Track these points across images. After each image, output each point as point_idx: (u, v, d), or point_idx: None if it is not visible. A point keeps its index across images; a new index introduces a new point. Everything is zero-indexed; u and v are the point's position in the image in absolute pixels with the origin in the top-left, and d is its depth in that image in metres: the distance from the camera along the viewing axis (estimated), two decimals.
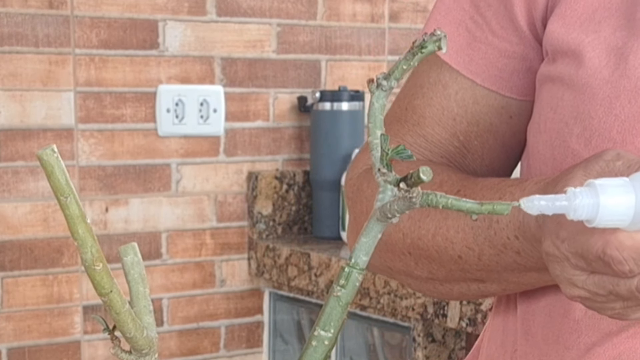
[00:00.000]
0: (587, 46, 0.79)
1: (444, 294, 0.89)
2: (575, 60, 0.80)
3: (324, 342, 0.55)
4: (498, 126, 0.90)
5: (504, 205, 0.52)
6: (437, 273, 0.86)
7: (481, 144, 0.90)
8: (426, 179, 0.50)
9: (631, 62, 0.77)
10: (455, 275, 0.85)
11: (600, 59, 0.79)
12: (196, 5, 2.27)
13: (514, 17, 0.86)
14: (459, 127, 0.90)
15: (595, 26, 0.80)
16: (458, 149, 0.90)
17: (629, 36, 0.78)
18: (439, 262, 0.85)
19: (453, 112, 0.90)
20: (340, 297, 0.55)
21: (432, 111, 0.90)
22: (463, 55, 0.89)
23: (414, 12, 2.55)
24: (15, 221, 2.13)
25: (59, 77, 2.14)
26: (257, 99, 2.37)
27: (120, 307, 0.50)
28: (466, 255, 0.82)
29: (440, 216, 0.84)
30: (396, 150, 0.53)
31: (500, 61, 0.88)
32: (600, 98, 0.78)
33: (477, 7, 0.88)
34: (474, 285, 0.86)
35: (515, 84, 0.88)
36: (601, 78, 0.78)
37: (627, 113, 0.76)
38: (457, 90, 0.89)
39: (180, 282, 2.31)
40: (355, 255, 0.55)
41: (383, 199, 0.53)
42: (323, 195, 2.36)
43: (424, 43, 0.53)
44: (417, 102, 0.91)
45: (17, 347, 2.15)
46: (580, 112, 0.79)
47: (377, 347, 2.17)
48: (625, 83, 0.77)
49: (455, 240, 0.82)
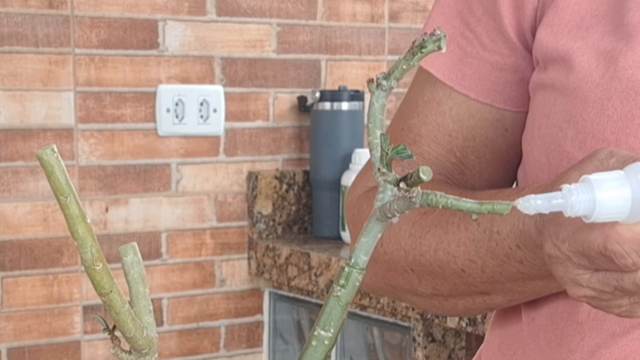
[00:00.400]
0: (576, 51, 0.80)
1: (449, 310, 0.89)
2: (565, 66, 0.81)
3: (324, 342, 0.55)
4: (494, 139, 0.90)
5: (503, 205, 0.52)
6: (441, 288, 0.86)
7: (478, 159, 0.91)
8: (426, 179, 0.50)
9: (621, 64, 0.78)
10: (460, 290, 0.85)
11: (589, 63, 0.79)
12: (196, 5, 2.27)
13: (503, 30, 0.87)
14: (455, 143, 0.90)
15: (583, 32, 0.81)
16: (456, 165, 0.91)
17: (617, 40, 0.79)
18: (443, 277, 0.85)
19: (449, 128, 0.90)
20: (340, 297, 0.55)
21: (428, 129, 0.91)
22: (455, 71, 0.89)
23: (414, 12, 2.55)
24: (15, 221, 2.13)
25: (59, 77, 2.14)
26: (257, 99, 2.37)
27: (120, 307, 0.50)
28: (469, 269, 0.82)
29: (441, 231, 0.84)
30: (396, 150, 0.53)
31: (493, 74, 0.88)
32: (592, 100, 0.78)
33: (467, 23, 0.89)
34: (479, 299, 0.85)
35: (509, 95, 0.89)
36: (592, 81, 0.79)
37: (619, 113, 0.77)
38: (451, 106, 0.90)
39: (180, 282, 2.31)
40: (355, 255, 0.55)
41: (383, 199, 0.53)
42: (323, 195, 2.36)
43: (424, 43, 0.53)
44: (413, 121, 0.92)
45: (17, 347, 2.15)
46: (573, 115, 0.80)
47: (377, 347, 2.17)
48: (616, 84, 0.78)
49: (457, 254, 0.82)
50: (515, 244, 0.77)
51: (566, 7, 0.82)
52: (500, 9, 0.86)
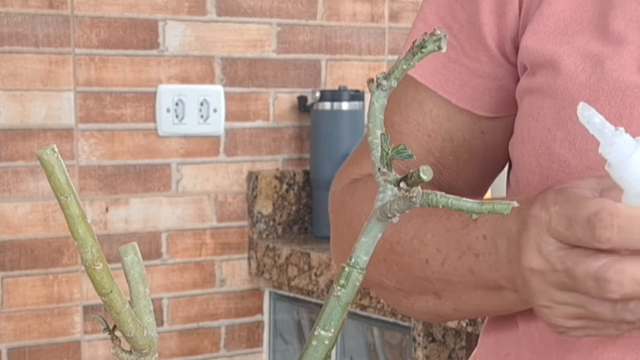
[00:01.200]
0: (562, 55, 0.82)
1: (407, 309, 0.90)
2: (552, 70, 0.82)
3: (324, 342, 0.55)
4: (471, 142, 0.92)
5: (504, 205, 0.52)
6: (403, 283, 0.87)
7: (456, 159, 0.93)
8: (427, 179, 0.50)
9: (607, 66, 0.79)
10: (418, 286, 0.86)
11: (576, 65, 0.81)
12: (196, 5, 2.27)
13: (482, 38, 0.89)
14: (434, 144, 0.93)
15: (568, 38, 0.82)
16: (434, 165, 0.93)
17: (603, 46, 0.80)
18: (408, 269, 0.86)
19: (428, 128, 0.92)
20: (341, 297, 0.55)
21: (409, 127, 0.93)
22: (438, 76, 0.91)
23: (414, 11, 2.55)
24: (15, 221, 2.13)
25: (59, 77, 2.14)
26: (257, 99, 2.37)
27: (120, 307, 0.50)
28: (432, 259, 0.83)
29: (422, 221, 0.85)
30: (396, 149, 0.53)
31: (473, 81, 0.90)
32: (579, 102, 0.79)
33: (451, 30, 0.91)
34: (432, 301, 0.86)
35: (487, 102, 0.91)
36: (579, 83, 0.80)
37: (607, 114, 0.77)
38: (432, 107, 0.92)
39: (181, 282, 2.31)
40: (355, 255, 0.55)
41: (383, 199, 0.53)
42: (323, 195, 2.36)
43: (424, 43, 0.53)
44: (396, 119, 0.94)
45: (17, 347, 2.15)
46: (561, 117, 0.81)
47: (377, 346, 2.17)
48: (603, 85, 0.79)
49: (429, 243, 0.84)
50: (483, 234, 0.78)
51: (551, 15, 0.84)
52: (481, 17, 0.88)
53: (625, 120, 0.77)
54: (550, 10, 0.84)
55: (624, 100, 0.78)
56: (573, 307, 0.71)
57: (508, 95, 0.90)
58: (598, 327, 0.72)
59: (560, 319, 0.72)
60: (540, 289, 0.72)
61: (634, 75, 0.78)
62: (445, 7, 0.91)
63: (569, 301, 0.71)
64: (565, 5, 0.83)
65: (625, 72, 0.78)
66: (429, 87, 0.92)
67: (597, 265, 0.67)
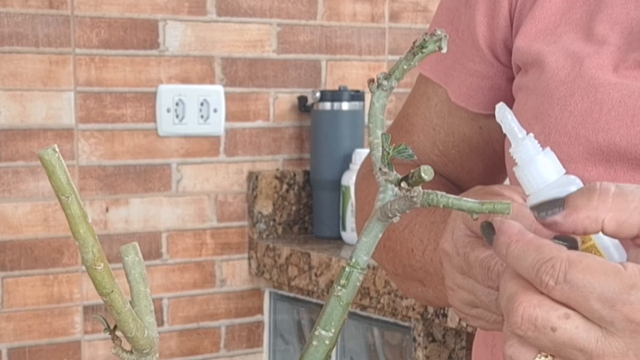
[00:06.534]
0: (548, 54, 0.86)
1: (406, 292, 0.95)
2: (538, 68, 0.87)
3: (324, 342, 0.55)
4: (471, 136, 0.98)
5: (504, 205, 0.52)
6: (397, 268, 0.92)
7: (459, 153, 0.99)
8: (427, 178, 0.51)
9: (586, 64, 0.83)
10: (407, 273, 0.91)
11: (557, 63, 0.85)
12: (196, 5, 2.27)
13: (475, 39, 0.94)
14: (438, 137, 0.99)
15: (556, 38, 0.87)
16: (439, 157, 0.99)
17: (585, 46, 0.85)
18: (399, 257, 0.91)
19: (433, 122, 0.99)
20: (341, 297, 0.55)
21: (418, 120, 1.00)
22: (445, 71, 0.97)
23: (414, 12, 2.55)
24: (16, 221, 2.13)
25: (59, 77, 2.14)
26: (257, 99, 2.37)
27: (121, 307, 0.50)
28: (416, 249, 0.88)
29: (415, 212, 0.89)
30: (397, 149, 0.53)
31: (468, 79, 0.96)
32: (557, 97, 0.84)
33: (457, 30, 0.96)
34: (419, 287, 0.91)
35: (480, 100, 0.96)
36: (558, 80, 0.84)
37: (580, 109, 0.81)
38: (437, 102, 0.98)
39: (181, 282, 2.31)
40: (356, 255, 0.55)
41: (384, 199, 0.53)
42: (323, 195, 2.36)
43: (425, 43, 0.53)
44: (410, 110, 1.01)
45: (18, 347, 2.15)
46: (540, 112, 0.85)
47: (377, 347, 2.17)
48: (579, 82, 0.83)
49: (416, 233, 0.88)
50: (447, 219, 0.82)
51: (543, 17, 0.88)
52: (475, 18, 0.93)
53: (595, 115, 0.81)
54: (542, 13, 0.88)
55: (596, 97, 0.81)
56: (468, 293, 0.73)
57: (500, 94, 0.95)
58: (489, 321, 0.74)
59: (458, 304, 0.75)
60: (447, 270, 0.75)
61: (608, 74, 0.82)
62: (454, 10, 0.97)
63: (465, 286, 0.73)
64: (557, 9, 0.87)
65: (600, 71, 0.82)
66: (436, 83, 0.98)
67: (486, 254, 0.70)
